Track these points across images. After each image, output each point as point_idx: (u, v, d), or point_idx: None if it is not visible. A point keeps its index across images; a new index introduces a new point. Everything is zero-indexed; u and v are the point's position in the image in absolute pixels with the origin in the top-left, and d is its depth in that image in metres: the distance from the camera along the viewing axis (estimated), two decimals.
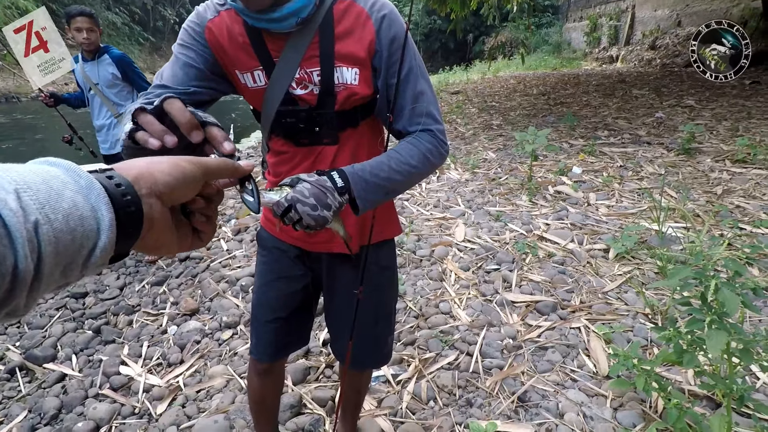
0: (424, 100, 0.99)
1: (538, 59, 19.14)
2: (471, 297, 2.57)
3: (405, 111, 0.99)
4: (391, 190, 0.96)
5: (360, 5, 0.95)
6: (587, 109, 7.51)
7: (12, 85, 15.48)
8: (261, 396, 1.38)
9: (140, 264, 3.29)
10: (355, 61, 0.96)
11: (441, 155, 1.01)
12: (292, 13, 0.88)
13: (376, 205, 0.95)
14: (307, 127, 1.01)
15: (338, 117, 1.01)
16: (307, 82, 0.97)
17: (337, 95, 0.98)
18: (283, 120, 1.01)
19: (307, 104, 1.00)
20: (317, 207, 0.83)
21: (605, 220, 3.32)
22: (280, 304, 1.21)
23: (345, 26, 0.95)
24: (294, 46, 0.94)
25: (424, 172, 1.00)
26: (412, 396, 1.87)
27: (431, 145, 0.99)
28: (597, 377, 1.88)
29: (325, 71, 0.96)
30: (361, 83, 0.98)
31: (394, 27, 0.95)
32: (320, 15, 0.93)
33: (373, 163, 0.93)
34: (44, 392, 2.07)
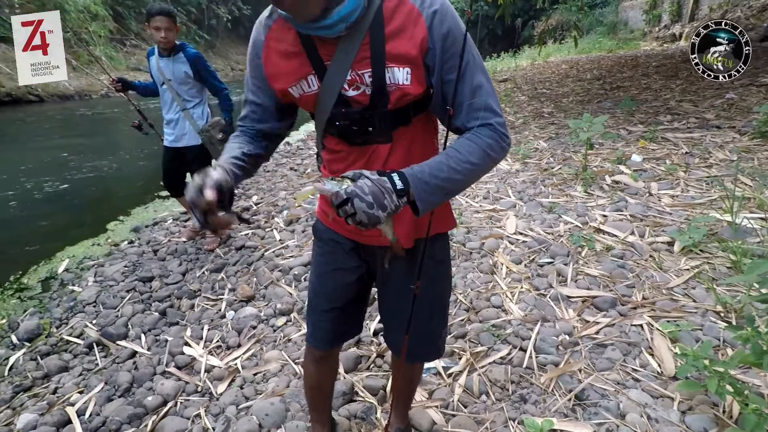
0: (482, 94, 0.95)
1: (592, 42, 18.24)
2: (523, 291, 2.51)
3: (463, 106, 0.96)
4: (452, 190, 0.94)
5: (410, 2, 0.92)
6: (647, 93, 7.09)
7: (84, 83, 16.55)
8: (317, 382, 1.42)
9: (200, 252, 3.45)
10: (406, 60, 0.94)
11: (502, 149, 0.97)
12: (341, 18, 0.88)
13: (436, 206, 0.94)
14: (360, 128, 1.02)
15: (391, 116, 1.01)
16: (359, 83, 0.97)
17: (389, 95, 0.97)
18: (337, 122, 1.03)
19: (360, 105, 1.00)
20: (373, 206, 0.84)
21: (669, 211, 3.13)
22: (336, 294, 1.24)
23: (395, 25, 0.92)
24: (345, 50, 0.94)
25: (484, 169, 0.97)
26: (464, 389, 1.86)
27: (491, 140, 0.95)
28: (662, 378, 1.79)
29: (377, 73, 0.95)
30: (413, 82, 0.96)
31: (446, 21, 0.92)
32: (370, 16, 0.91)
33: (432, 164, 0.92)
34: (118, 367, 2.23)
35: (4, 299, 3.08)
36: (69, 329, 2.62)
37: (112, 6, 20.24)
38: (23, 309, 2.94)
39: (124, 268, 3.32)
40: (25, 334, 2.58)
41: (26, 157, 7.39)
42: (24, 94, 14.65)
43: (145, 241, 3.81)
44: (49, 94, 15.37)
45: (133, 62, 21.11)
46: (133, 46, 21.71)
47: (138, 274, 3.17)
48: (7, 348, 2.51)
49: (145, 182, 5.95)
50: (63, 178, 6.14)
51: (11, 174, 6.29)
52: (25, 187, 5.73)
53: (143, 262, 3.40)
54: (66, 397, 2.04)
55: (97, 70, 13.11)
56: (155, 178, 5.94)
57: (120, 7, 21.66)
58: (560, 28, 21.44)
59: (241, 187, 5.07)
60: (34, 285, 3.28)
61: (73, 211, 5.00)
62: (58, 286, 3.22)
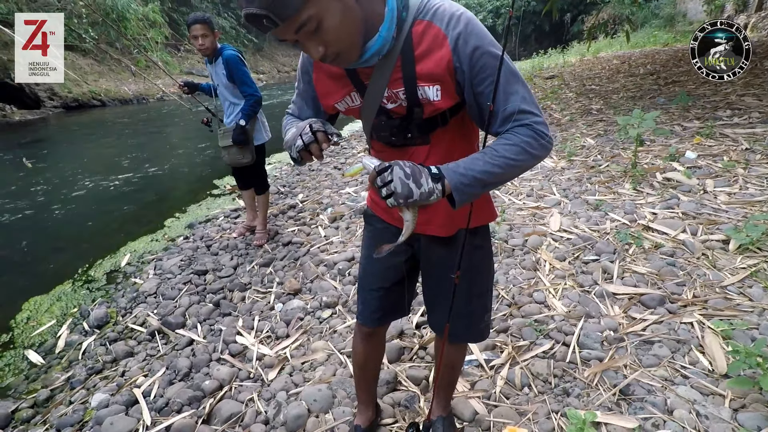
0: (515, 100, 0.98)
1: (647, 35, 17.46)
2: (567, 287, 2.49)
3: (498, 115, 0.99)
4: (489, 182, 0.98)
5: (437, 25, 0.96)
6: (705, 87, 6.74)
7: (142, 88, 17.62)
8: (364, 360, 1.50)
9: (249, 247, 3.62)
10: (435, 79, 0.99)
11: (543, 146, 0.99)
12: (374, 54, 0.96)
13: (473, 197, 1.00)
14: (399, 134, 1.11)
15: (427, 122, 1.09)
16: (396, 99, 1.06)
17: (423, 108, 1.05)
18: (379, 131, 1.13)
19: (399, 115, 1.09)
20: (409, 177, 0.93)
21: (725, 209, 3.00)
22: (384, 275, 1.33)
23: (424, 48, 0.98)
24: (380, 72, 1.02)
25: (524, 165, 0.99)
26: (506, 381, 1.88)
27: (528, 137, 0.97)
28: (713, 375, 1.74)
29: (409, 90, 1.02)
30: (444, 98, 1.02)
31: (471, 40, 0.95)
32: (400, 42, 0.98)
33: (467, 160, 0.98)
34: (177, 353, 2.39)
35: (75, 290, 3.36)
36: (133, 318, 2.83)
37: (168, 13, 21.38)
38: (92, 299, 3.20)
39: (180, 261, 3.53)
40: (95, 322, 2.81)
41: (91, 158, 7.96)
42: (89, 99, 15.73)
43: (199, 237, 4.04)
44: (110, 98, 16.43)
45: (186, 67, 22.19)
46: (186, 51, 22.85)
47: (193, 268, 3.37)
48: (80, 334, 2.75)
49: (198, 181, 6.26)
50: (123, 177, 6.57)
51: (79, 174, 6.80)
52: (90, 186, 6.18)
53: (198, 256, 3.61)
54: (133, 380, 2.22)
55: (154, 75, 13.87)
56: (208, 177, 6.27)
57: (175, 14, 22.86)
58: (612, 22, 20.63)
59: (287, 186, 5.26)
60: (101, 277, 3.54)
61: (133, 208, 5.34)
62: (122, 278, 3.48)
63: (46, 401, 2.19)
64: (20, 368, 2.52)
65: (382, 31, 0.94)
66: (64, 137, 10.85)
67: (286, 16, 0.81)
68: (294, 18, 0.82)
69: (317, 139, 1.02)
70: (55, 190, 6.06)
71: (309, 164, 6.27)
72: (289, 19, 0.82)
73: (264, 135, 3.48)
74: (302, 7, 0.81)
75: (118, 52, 18.10)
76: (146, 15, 16.77)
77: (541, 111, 1.00)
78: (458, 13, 0.95)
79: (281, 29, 0.84)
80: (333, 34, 0.88)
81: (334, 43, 0.89)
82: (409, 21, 0.97)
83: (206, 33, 3.11)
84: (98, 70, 17.41)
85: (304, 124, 1.04)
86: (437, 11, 0.97)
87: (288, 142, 1.08)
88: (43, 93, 14.55)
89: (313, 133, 1.02)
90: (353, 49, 0.93)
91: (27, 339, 2.77)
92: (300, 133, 1.03)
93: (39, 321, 2.95)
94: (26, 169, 7.12)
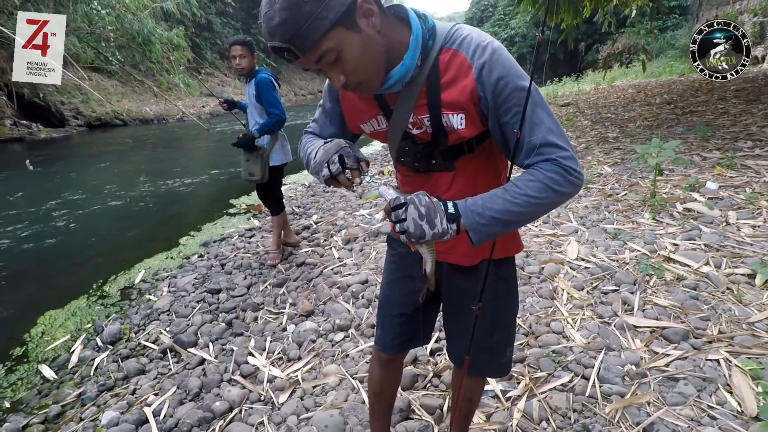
0: (541, 131, 0.94)
1: (662, 65, 17.49)
2: (585, 318, 2.43)
3: (523, 146, 0.96)
4: (510, 221, 0.95)
5: (462, 54, 0.96)
6: (724, 118, 6.68)
7: (162, 108, 18.14)
8: (381, 387, 1.47)
9: (263, 267, 3.63)
10: (460, 107, 0.99)
11: (570, 183, 0.94)
12: (397, 80, 0.97)
13: (492, 236, 0.96)
14: (423, 160, 1.11)
15: (452, 149, 1.08)
16: (421, 125, 1.06)
17: (448, 135, 1.05)
18: (403, 157, 1.14)
19: (424, 141, 1.09)
20: (424, 218, 0.91)
21: (749, 242, 2.93)
22: (404, 300, 1.30)
23: (449, 76, 0.98)
24: (405, 98, 1.03)
25: (548, 203, 0.95)
26: (523, 414, 1.82)
27: (554, 174, 0.93)
28: (742, 417, 1.66)
29: (434, 117, 1.02)
30: (468, 126, 1.01)
31: (495, 70, 0.94)
32: (426, 69, 0.99)
33: (487, 197, 0.95)
34: (188, 372, 2.38)
35: (89, 305, 3.38)
36: (146, 335, 2.83)
37: (191, 38, 22.11)
38: (106, 314, 3.21)
39: (194, 279, 3.55)
40: (108, 338, 2.81)
41: (110, 175, 8.12)
42: (111, 118, 16.19)
43: (213, 255, 4.06)
44: (132, 118, 16.89)
45: (206, 89, 22.77)
46: (207, 74, 23.49)
47: (207, 286, 3.37)
48: (93, 350, 2.75)
49: (214, 200, 6.34)
50: (140, 194, 6.68)
51: (97, 191, 6.93)
52: (107, 202, 6.29)
53: (211, 274, 3.62)
54: (143, 398, 2.21)
55: (175, 97, 14.23)
56: (224, 196, 6.34)
57: (197, 38, 23.61)
58: (627, 51, 20.79)
59: (301, 207, 5.29)
60: (115, 293, 3.57)
61: (149, 225, 5.42)
62: (136, 295, 3.49)
63: (57, 417, 2.18)
64: (33, 383, 2.52)
65: (405, 60, 0.95)
66: (86, 154, 11.12)
67: (306, 48, 0.85)
68: (313, 50, 0.86)
69: (344, 171, 1.02)
70: (72, 205, 6.17)
71: (323, 186, 6.32)
72: (309, 52, 0.86)
73: (282, 156, 3.52)
74: (321, 40, 0.84)
75: (142, 74, 18.68)
76: (170, 39, 17.36)
77: (569, 144, 0.96)
78: (484, 43, 0.95)
79: (302, 60, 0.88)
80: (353, 65, 0.90)
81: (355, 72, 0.91)
82: (436, 49, 0.98)
83: (244, 54, 3.27)
84: (122, 91, 17.96)
85: (333, 148, 1.02)
86: (464, 40, 0.97)
87: (315, 166, 1.06)
88: (68, 112, 15.03)
89: (342, 164, 1.01)
90: (375, 78, 0.95)
91: (41, 353, 2.78)
92: (327, 161, 1.01)
93: (53, 335, 2.97)
94: (32, 174, 7.29)
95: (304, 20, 0.81)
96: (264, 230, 4.64)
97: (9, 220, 5.54)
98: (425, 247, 1.01)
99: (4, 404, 2.34)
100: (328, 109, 1.21)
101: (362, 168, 1.03)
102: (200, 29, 25.67)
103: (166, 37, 17.20)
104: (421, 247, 1.01)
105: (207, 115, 19.14)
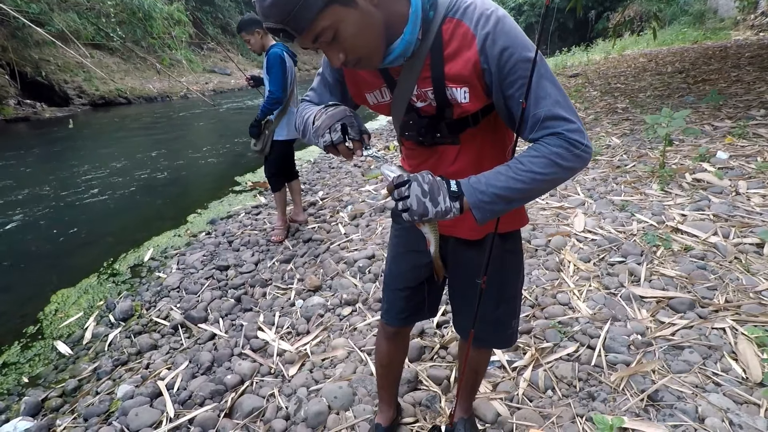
0: (546, 104, 0.90)
1: (675, 33, 17.01)
2: (592, 289, 2.43)
3: (528, 119, 0.92)
4: (514, 198, 0.93)
5: (466, 24, 0.92)
6: (737, 86, 6.53)
7: (166, 86, 17.97)
8: (388, 359, 1.49)
9: (270, 243, 3.65)
10: (463, 80, 0.96)
11: (576, 156, 0.91)
12: (398, 56, 0.94)
13: (497, 214, 0.95)
14: (428, 133, 1.09)
15: (457, 123, 1.05)
16: (425, 98, 1.03)
17: (453, 108, 1.02)
18: (408, 130, 1.11)
19: (428, 114, 1.07)
20: (427, 194, 0.90)
21: (759, 212, 2.89)
22: (410, 275, 1.31)
23: (453, 48, 0.94)
24: (408, 70, 1.00)
25: (554, 178, 0.92)
26: (529, 384, 1.85)
27: (559, 148, 0.90)
28: (747, 383, 1.68)
29: (438, 90, 1.00)
30: (472, 100, 0.98)
31: (499, 40, 0.90)
32: (429, 40, 0.95)
33: (490, 174, 0.94)
34: (200, 347, 2.43)
35: (101, 283, 3.43)
36: (157, 311, 2.88)
37: (192, 12, 21.75)
38: (117, 292, 3.27)
39: (202, 257, 3.58)
40: (120, 314, 2.87)
41: (115, 154, 8.13)
42: (115, 96, 16.10)
43: (220, 233, 4.09)
44: (135, 96, 16.79)
45: (209, 65, 22.51)
46: (209, 50, 23.18)
47: (215, 263, 3.41)
48: (106, 326, 2.81)
49: (220, 178, 6.35)
50: (146, 173, 6.70)
51: (103, 170, 6.95)
52: (114, 182, 6.32)
53: (219, 251, 3.66)
54: (157, 372, 2.26)
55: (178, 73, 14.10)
56: (230, 174, 6.34)
57: (199, 13, 23.23)
58: (638, 19, 20.16)
59: (307, 183, 5.29)
60: (125, 271, 3.62)
61: (156, 204, 5.45)
62: (146, 272, 3.54)
63: (74, 391, 2.24)
64: (49, 358, 2.58)
65: (405, 34, 0.92)
66: (91, 133, 11.12)
67: (301, 28, 0.83)
68: (309, 30, 0.83)
69: (345, 140, 1.00)
70: (79, 185, 6.21)
71: (329, 162, 6.30)
72: (305, 32, 0.83)
73: (286, 131, 3.51)
74: (316, 20, 0.82)
75: (144, 50, 18.48)
76: (171, 14, 17.08)
77: (577, 116, 0.92)
78: (488, 12, 0.91)
79: (299, 40, 0.86)
80: (351, 42, 0.87)
81: (353, 50, 0.89)
82: (438, 19, 0.94)
83: (247, 37, 3.39)
84: (124, 68, 17.79)
85: (338, 115, 1.00)
86: (467, 9, 0.92)
87: (316, 130, 1.03)
88: (71, 91, 14.95)
89: (345, 134, 0.99)
90: (374, 54, 0.92)
91: (55, 330, 2.85)
92: (330, 128, 0.99)
93: (67, 313, 3.03)
94: (38, 154, 7.33)
95: (296, 0, 0.78)
96: (270, 207, 4.66)
97: (18, 200, 5.60)
98: (428, 226, 1.00)
99: (23, 379, 2.41)
100: (329, 78, 1.17)
101: (364, 140, 1.01)
102: (201, 3, 25.18)
103: (166, 12, 16.92)
104: (423, 227, 1.01)
105: (210, 92, 18.97)
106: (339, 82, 1.16)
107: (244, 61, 24.30)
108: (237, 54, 26.32)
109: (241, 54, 26.16)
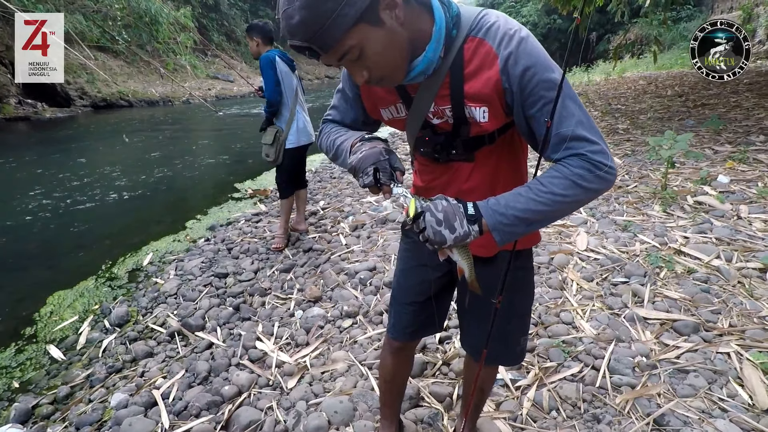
0: (569, 124, 0.89)
1: (674, 57, 17.23)
2: (595, 309, 2.42)
3: (551, 139, 0.91)
4: (535, 220, 0.91)
5: (488, 43, 0.91)
6: (737, 111, 6.60)
7: (168, 90, 18.04)
8: (392, 375, 1.47)
9: (270, 252, 3.62)
10: (483, 100, 0.95)
11: (599, 178, 0.88)
12: (419, 73, 0.93)
13: (517, 236, 0.93)
14: (443, 150, 1.08)
15: (473, 140, 1.04)
16: (442, 115, 1.02)
17: (470, 126, 1.01)
18: (422, 147, 1.10)
19: (444, 131, 1.06)
20: (442, 223, 0.89)
21: (761, 236, 2.90)
22: (418, 289, 1.28)
23: (474, 66, 0.94)
24: (427, 87, 0.99)
25: (576, 200, 0.90)
26: (533, 404, 1.82)
27: (581, 169, 0.88)
28: (754, 410, 1.66)
29: (456, 108, 0.99)
30: (491, 119, 0.97)
31: (521, 60, 0.88)
32: (450, 58, 0.94)
33: (509, 195, 0.92)
34: (197, 356, 2.38)
35: (97, 287, 3.39)
36: (153, 318, 2.83)
37: (198, 18, 21.92)
38: (114, 297, 3.22)
39: (201, 263, 3.55)
40: (116, 320, 2.82)
41: (116, 157, 8.11)
42: (117, 99, 16.13)
43: (220, 239, 4.05)
44: (137, 99, 16.82)
45: (212, 71, 22.60)
46: (213, 56, 23.31)
47: (214, 270, 3.37)
48: (100, 332, 2.77)
49: (220, 184, 6.33)
50: (147, 177, 6.67)
51: (104, 173, 6.92)
52: (115, 185, 6.28)
53: (218, 258, 3.62)
54: (152, 381, 2.21)
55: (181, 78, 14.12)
56: (230, 180, 6.33)
57: (204, 19, 23.40)
58: (639, 42, 20.44)
59: (309, 192, 5.27)
60: (123, 275, 3.57)
61: (155, 208, 5.41)
62: (143, 278, 3.50)
63: (66, 398, 2.19)
64: (41, 363, 2.53)
65: (428, 52, 0.91)
66: (91, 135, 11.10)
67: (328, 47, 0.81)
68: (335, 49, 0.82)
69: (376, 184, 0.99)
70: (79, 187, 6.17)
71: (330, 172, 6.29)
72: (331, 50, 0.82)
73: (295, 139, 3.53)
74: (343, 38, 0.80)
75: (148, 54, 18.55)
76: (177, 19, 17.17)
77: (601, 137, 0.90)
78: (512, 32, 0.90)
79: (324, 58, 0.84)
80: (375, 60, 0.86)
81: (378, 68, 0.88)
82: (460, 38, 0.93)
83: (248, 41, 3.54)
84: (128, 71, 17.86)
85: (371, 158, 0.98)
86: (491, 28, 0.92)
87: (350, 169, 1.02)
88: (73, 92, 14.97)
89: (376, 179, 0.98)
90: (398, 72, 0.91)
91: (49, 333, 2.80)
92: (376, 165, 0.97)
93: (61, 316, 2.98)
94: (37, 155, 7.29)
95: (324, 18, 0.77)
96: (270, 215, 4.64)
97: (17, 200, 5.55)
98: (455, 251, 0.96)
99: (14, 384, 2.36)
100: (349, 94, 1.16)
101: (396, 178, 0.99)
102: (207, 10, 25.40)
103: (173, 17, 17.01)
104: (453, 254, 0.97)
105: (212, 98, 19.04)
106: (359, 97, 1.16)
107: (248, 69, 24.42)
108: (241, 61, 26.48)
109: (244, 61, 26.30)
